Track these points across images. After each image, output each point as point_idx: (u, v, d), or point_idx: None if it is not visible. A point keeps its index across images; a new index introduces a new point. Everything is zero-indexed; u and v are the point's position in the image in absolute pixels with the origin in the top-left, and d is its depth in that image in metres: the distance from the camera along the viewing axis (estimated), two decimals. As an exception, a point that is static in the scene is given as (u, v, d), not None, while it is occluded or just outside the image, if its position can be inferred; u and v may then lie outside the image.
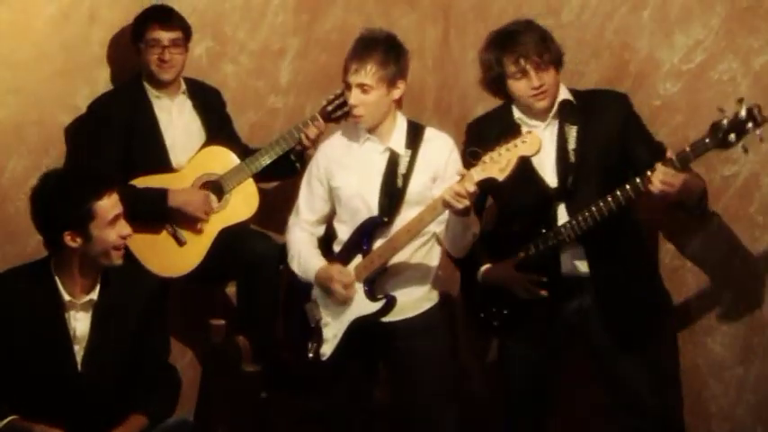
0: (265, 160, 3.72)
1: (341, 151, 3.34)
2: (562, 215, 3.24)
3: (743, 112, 2.91)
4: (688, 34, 3.49)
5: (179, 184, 3.67)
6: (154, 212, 3.60)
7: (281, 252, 3.62)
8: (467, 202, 3.01)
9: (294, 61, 4.15)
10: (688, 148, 2.98)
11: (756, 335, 3.36)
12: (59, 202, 2.82)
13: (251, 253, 3.66)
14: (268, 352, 3.61)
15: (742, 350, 3.39)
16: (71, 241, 2.83)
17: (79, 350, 2.90)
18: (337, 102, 3.73)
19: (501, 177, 2.96)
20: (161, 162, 3.68)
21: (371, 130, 3.29)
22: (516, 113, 3.32)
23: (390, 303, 3.23)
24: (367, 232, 3.26)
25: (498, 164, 2.96)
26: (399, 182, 3.24)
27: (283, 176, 3.86)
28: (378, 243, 3.25)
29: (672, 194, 2.99)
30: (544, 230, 3.24)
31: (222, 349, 2.85)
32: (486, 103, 3.58)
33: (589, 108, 3.28)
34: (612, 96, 3.35)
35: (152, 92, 3.71)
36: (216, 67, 4.02)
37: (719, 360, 3.45)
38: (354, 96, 3.21)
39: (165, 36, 3.64)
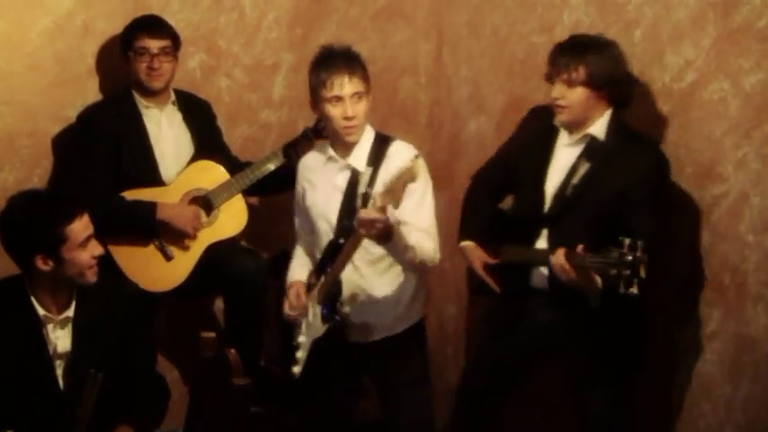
0: (255, 177, 3.72)
1: (311, 169, 3.29)
2: (543, 238, 3.29)
3: (630, 254, 2.86)
4: (679, 54, 3.52)
5: (168, 198, 3.67)
6: (142, 225, 3.60)
7: (268, 268, 3.63)
8: (379, 226, 2.92)
9: (288, 76, 4.16)
10: (586, 259, 2.98)
11: (745, 353, 3.36)
12: (30, 226, 2.78)
13: (237, 269, 3.65)
14: (255, 367, 3.61)
15: (731, 369, 3.40)
16: (42, 264, 2.80)
17: (60, 366, 2.87)
18: None
19: (396, 206, 2.92)
20: (151, 172, 3.68)
21: (346, 146, 3.19)
22: (556, 121, 3.35)
23: (335, 327, 3.15)
24: (329, 256, 3.19)
25: (394, 193, 2.88)
26: (358, 201, 3.13)
27: (274, 192, 3.86)
28: None
29: (567, 279, 3.05)
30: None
31: (213, 362, 2.84)
32: (478, 121, 3.60)
33: (615, 153, 3.20)
34: (645, 151, 3.23)
35: (141, 102, 3.71)
36: (209, 81, 4.04)
37: (708, 378, 3.46)
38: (352, 107, 3.11)
39: (153, 44, 3.65)
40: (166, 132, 3.75)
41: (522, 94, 4.06)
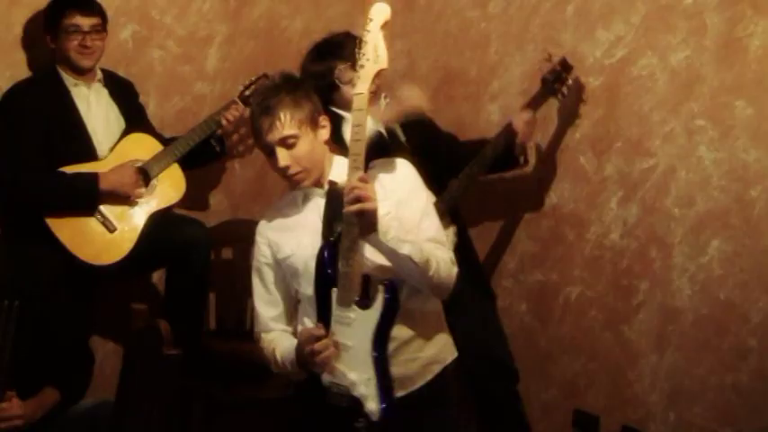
0: (188, 145, 3.70)
1: (280, 220, 2.71)
2: None
3: (558, 65, 3.57)
4: (610, 30, 3.57)
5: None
6: (86, 197, 3.55)
7: (211, 237, 3.67)
8: (362, 195, 2.43)
9: (221, 48, 4.12)
10: (538, 100, 3.59)
11: (670, 323, 3.45)
12: None
13: (183, 238, 3.64)
14: (194, 339, 3.60)
15: (656, 338, 3.48)
16: None
17: None
18: (255, 85, 3.74)
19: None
20: (85, 149, 3.62)
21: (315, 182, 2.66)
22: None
23: (391, 294, 2.50)
24: (327, 263, 2.56)
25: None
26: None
27: (204, 163, 3.85)
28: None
29: (531, 132, 3.57)
30: None
31: (144, 333, 2.83)
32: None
33: None
34: None
35: (69, 79, 3.65)
36: (142, 52, 3.98)
37: (635, 348, 3.54)
38: (282, 157, 2.58)
39: (85, 22, 3.58)
40: (95, 109, 3.69)
41: (457, 67, 4.08)
